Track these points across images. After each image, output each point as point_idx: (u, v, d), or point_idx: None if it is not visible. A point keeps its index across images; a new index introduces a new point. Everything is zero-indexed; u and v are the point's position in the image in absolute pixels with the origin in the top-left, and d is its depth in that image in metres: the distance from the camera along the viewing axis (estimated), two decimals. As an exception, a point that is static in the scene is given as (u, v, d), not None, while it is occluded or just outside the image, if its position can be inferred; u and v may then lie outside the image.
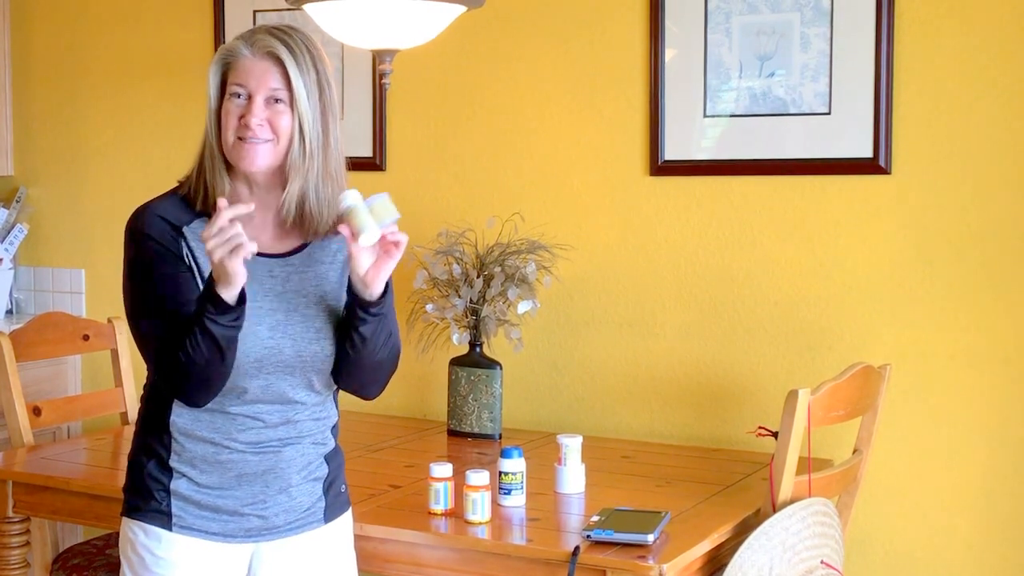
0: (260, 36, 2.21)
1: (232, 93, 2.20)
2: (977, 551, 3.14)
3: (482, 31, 3.62)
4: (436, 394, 3.70)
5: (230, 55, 2.22)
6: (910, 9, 3.14)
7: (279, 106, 2.19)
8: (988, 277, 3.10)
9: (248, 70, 2.19)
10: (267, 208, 2.27)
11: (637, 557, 2.37)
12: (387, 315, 2.25)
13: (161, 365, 2.20)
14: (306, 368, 2.27)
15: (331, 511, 2.38)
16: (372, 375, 2.33)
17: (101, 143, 4.30)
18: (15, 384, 3.33)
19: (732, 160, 3.35)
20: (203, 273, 2.21)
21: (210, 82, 2.23)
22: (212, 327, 2.10)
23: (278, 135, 2.20)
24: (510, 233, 3.50)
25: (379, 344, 2.26)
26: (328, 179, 2.24)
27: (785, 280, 3.31)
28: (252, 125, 2.17)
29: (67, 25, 4.34)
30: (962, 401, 3.14)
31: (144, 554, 2.27)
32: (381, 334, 2.26)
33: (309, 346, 2.25)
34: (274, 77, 2.19)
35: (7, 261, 4.35)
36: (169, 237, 2.22)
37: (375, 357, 2.28)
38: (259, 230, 2.26)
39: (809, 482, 2.66)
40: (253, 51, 2.20)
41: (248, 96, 2.19)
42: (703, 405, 3.42)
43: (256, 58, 2.19)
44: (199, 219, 2.24)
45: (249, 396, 2.24)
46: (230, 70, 2.21)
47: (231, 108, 2.20)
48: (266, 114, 2.19)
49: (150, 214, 2.25)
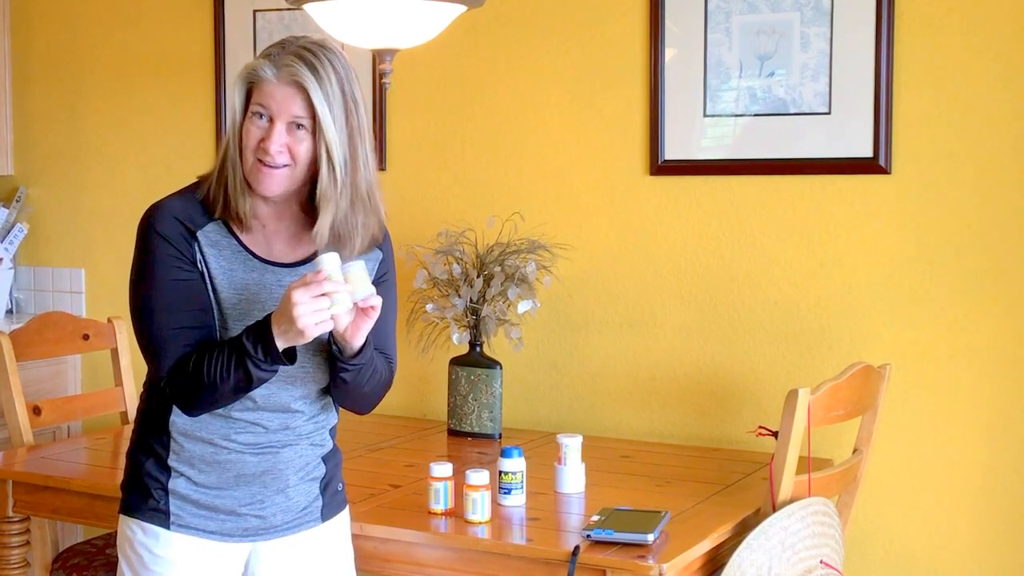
0: (286, 60, 2.14)
1: (254, 113, 2.17)
2: (977, 551, 3.14)
3: (482, 31, 3.62)
4: (436, 394, 3.70)
5: (254, 75, 2.16)
6: (910, 9, 3.14)
7: (300, 132, 2.15)
8: (988, 277, 3.10)
9: (271, 94, 2.15)
10: (281, 218, 2.26)
11: (637, 557, 2.37)
12: (368, 364, 2.23)
13: (172, 374, 2.19)
14: (308, 379, 2.27)
15: (328, 510, 2.39)
16: (361, 401, 2.34)
17: (101, 143, 4.30)
18: (15, 383, 3.33)
19: (732, 160, 3.35)
20: (213, 277, 2.20)
21: (233, 99, 2.19)
22: (252, 368, 2.10)
23: (296, 161, 2.16)
24: (510, 233, 3.50)
25: (363, 382, 2.26)
26: (359, 202, 2.21)
27: (785, 280, 3.31)
28: (271, 151, 2.14)
29: (67, 25, 4.34)
30: (962, 401, 3.14)
31: (142, 552, 2.27)
32: (364, 375, 2.24)
33: (312, 357, 2.25)
34: (297, 104, 2.14)
35: (7, 261, 4.35)
36: (182, 240, 2.19)
37: (362, 391, 2.29)
38: (273, 237, 2.26)
39: (809, 482, 2.66)
40: (278, 75, 2.14)
41: (270, 119, 2.15)
42: (703, 405, 3.42)
43: (280, 83, 2.14)
44: (214, 223, 2.22)
45: (251, 404, 2.24)
46: (254, 89, 2.17)
47: (252, 129, 2.17)
48: (286, 140, 2.15)
49: (166, 213, 2.21)
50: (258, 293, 2.21)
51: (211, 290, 2.20)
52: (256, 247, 2.25)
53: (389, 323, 2.37)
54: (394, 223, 3.52)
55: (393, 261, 2.41)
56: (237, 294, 2.21)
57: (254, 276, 2.22)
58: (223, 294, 2.20)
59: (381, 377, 2.32)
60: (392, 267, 2.40)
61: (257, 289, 2.21)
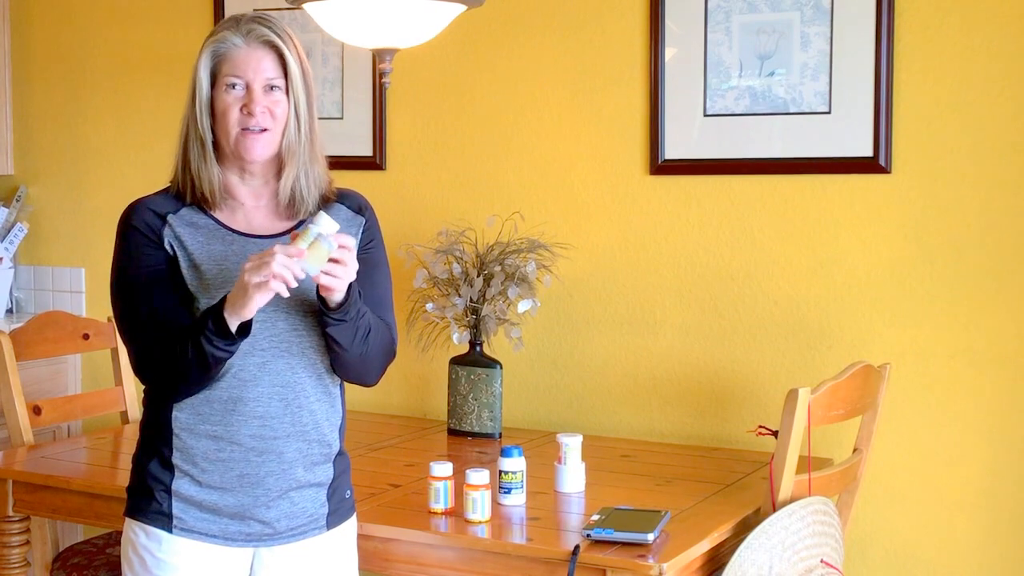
0: (250, 25, 2.23)
1: (228, 84, 2.22)
2: (977, 551, 3.14)
3: (482, 30, 3.62)
4: (436, 393, 3.70)
5: (222, 45, 2.23)
6: (910, 8, 3.14)
7: (276, 94, 2.23)
8: (988, 276, 3.10)
9: (244, 60, 2.21)
10: (258, 195, 2.31)
11: (637, 556, 2.37)
12: (354, 320, 2.22)
13: (140, 358, 2.22)
14: (303, 344, 2.26)
15: (334, 517, 2.37)
16: (360, 367, 2.32)
17: (101, 142, 4.30)
18: (15, 383, 3.33)
19: (732, 159, 3.35)
20: (191, 254, 2.23)
21: (200, 74, 2.24)
22: (206, 346, 2.12)
23: (275, 120, 2.23)
24: (510, 232, 3.50)
25: (353, 343, 2.24)
26: (315, 159, 2.29)
27: (785, 280, 3.31)
28: (256, 113, 2.20)
29: (67, 25, 4.34)
30: (962, 401, 3.14)
31: (144, 555, 2.27)
32: (351, 335, 2.23)
33: (304, 319, 2.25)
34: (270, 66, 2.22)
35: (7, 260, 4.36)
36: (153, 226, 2.24)
37: (354, 353, 2.26)
38: (252, 213, 2.30)
39: (809, 481, 2.66)
40: (247, 40, 2.22)
41: (245, 86, 2.21)
42: (703, 404, 3.42)
43: (251, 48, 2.22)
44: (188, 207, 2.27)
45: (247, 376, 2.22)
46: (223, 61, 2.23)
47: (229, 100, 2.22)
48: (266, 102, 2.22)
49: (139, 207, 2.29)
50: (239, 264, 2.21)
51: (190, 267, 2.22)
52: (234, 223, 2.28)
53: (384, 292, 2.39)
54: (394, 223, 3.56)
55: (378, 227, 2.41)
56: (217, 265, 2.23)
57: (234, 248, 2.25)
58: (204, 267, 2.23)
59: (381, 339, 2.31)
60: (377, 234, 2.41)
61: (238, 260, 2.23)
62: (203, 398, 2.23)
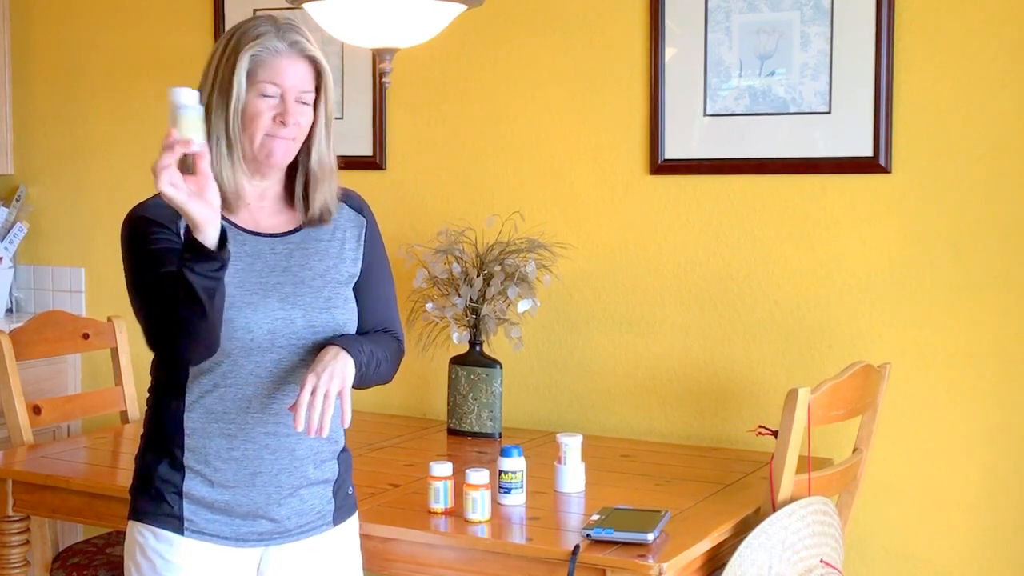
0: (293, 36, 2.21)
1: (264, 91, 2.19)
2: (977, 551, 3.14)
3: (482, 30, 3.62)
4: (436, 393, 3.70)
5: (263, 51, 2.19)
6: (910, 8, 3.14)
7: (304, 106, 2.23)
8: (988, 276, 3.10)
9: (284, 69, 2.19)
10: (263, 195, 2.30)
11: (637, 556, 2.37)
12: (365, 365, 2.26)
13: (150, 323, 2.12)
14: (320, 342, 2.25)
15: (340, 514, 2.38)
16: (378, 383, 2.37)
17: (101, 142, 4.30)
18: (15, 383, 3.33)
19: (732, 159, 3.35)
20: None
21: (239, 78, 2.18)
22: (191, 276, 2.02)
23: (301, 131, 2.24)
24: (510, 232, 3.50)
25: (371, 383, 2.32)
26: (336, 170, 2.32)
27: (785, 280, 3.31)
28: (290, 124, 2.20)
29: (67, 25, 4.34)
30: (962, 401, 3.14)
31: (154, 558, 2.25)
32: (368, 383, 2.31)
33: (320, 315, 2.26)
34: (307, 79, 2.22)
35: (7, 260, 4.36)
36: (170, 220, 2.18)
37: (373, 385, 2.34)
38: (258, 213, 2.29)
39: (809, 481, 2.66)
40: (289, 49, 2.20)
41: (280, 95, 2.20)
42: (703, 404, 3.42)
43: (292, 58, 2.20)
44: None
45: (263, 373, 2.23)
46: (260, 66, 2.19)
47: (262, 107, 2.19)
48: (295, 112, 2.22)
49: (149, 204, 2.23)
50: (252, 263, 2.22)
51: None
52: (244, 224, 2.28)
53: (388, 293, 2.40)
54: (394, 223, 3.56)
55: (377, 229, 2.43)
56: (231, 264, 2.17)
57: (246, 248, 2.24)
58: None
59: (390, 356, 2.36)
60: (377, 235, 2.42)
61: (251, 260, 2.23)
62: (217, 397, 2.23)
